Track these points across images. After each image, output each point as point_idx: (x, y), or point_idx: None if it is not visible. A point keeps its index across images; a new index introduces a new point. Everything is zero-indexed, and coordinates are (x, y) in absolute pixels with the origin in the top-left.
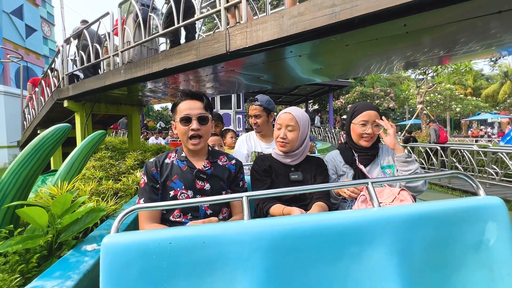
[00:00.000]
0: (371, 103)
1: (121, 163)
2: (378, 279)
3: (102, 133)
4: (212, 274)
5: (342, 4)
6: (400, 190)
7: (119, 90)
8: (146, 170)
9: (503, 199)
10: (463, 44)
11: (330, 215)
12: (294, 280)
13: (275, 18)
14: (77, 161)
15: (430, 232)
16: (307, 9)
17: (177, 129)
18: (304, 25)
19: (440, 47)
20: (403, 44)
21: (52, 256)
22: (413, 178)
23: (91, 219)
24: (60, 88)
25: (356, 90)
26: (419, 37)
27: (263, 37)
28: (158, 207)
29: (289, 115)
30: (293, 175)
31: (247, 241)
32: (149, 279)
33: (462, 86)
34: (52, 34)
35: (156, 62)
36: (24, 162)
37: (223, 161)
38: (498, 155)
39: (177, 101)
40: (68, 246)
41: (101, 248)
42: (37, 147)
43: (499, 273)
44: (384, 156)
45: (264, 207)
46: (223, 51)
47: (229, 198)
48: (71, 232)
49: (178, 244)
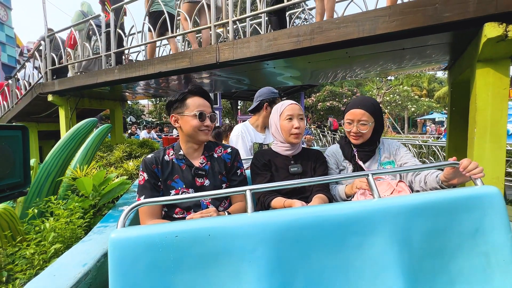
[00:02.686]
0: (363, 99)
1: (109, 155)
2: (379, 267)
3: (108, 126)
4: (217, 266)
5: (304, 36)
6: (398, 182)
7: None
8: (146, 167)
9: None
10: (409, 60)
11: (332, 207)
12: (298, 271)
13: (256, 40)
14: (90, 151)
15: (429, 221)
16: (279, 36)
17: (187, 122)
18: (278, 48)
19: (391, 62)
20: (348, 63)
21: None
22: (409, 170)
23: (121, 189)
24: (44, 83)
25: (326, 89)
26: (360, 59)
27: (246, 53)
28: (162, 202)
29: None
30: (292, 168)
31: (251, 234)
32: (156, 271)
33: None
34: (9, 19)
35: (151, 65)
36: (62, 147)
37: (218, 152)
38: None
39: (183, 96)
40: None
41: (108, 242)
42: (72, 136)
43: (495, 259)
44: (384, 152)
45: (265, 200)
46: (213, 61)
47: (233, 192)
48: (107, 198)
49: (184, 237)
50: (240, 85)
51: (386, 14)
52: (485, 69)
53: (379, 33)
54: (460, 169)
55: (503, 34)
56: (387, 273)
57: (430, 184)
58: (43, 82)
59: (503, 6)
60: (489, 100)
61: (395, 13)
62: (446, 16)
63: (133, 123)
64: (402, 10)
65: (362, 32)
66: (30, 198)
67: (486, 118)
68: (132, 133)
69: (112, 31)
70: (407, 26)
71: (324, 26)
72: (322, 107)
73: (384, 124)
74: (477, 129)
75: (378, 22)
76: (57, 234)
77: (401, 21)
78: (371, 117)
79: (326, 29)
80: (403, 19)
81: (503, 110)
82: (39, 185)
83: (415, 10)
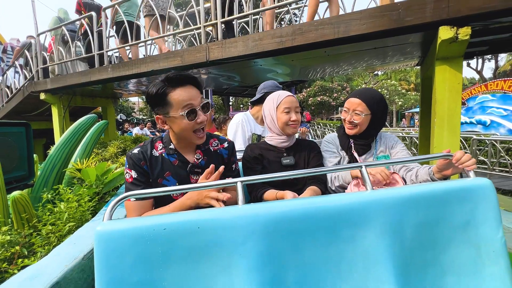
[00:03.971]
0: (365, 90)
1: (104, 151)
2: (371, 259)
3: (105, 122)
4: (208, 259)
5: (286, 37)
6: (392, 173)
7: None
8: (134, 164)
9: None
10: (391, 56)
11: (324, 199)
12: (289, 263)
13: (243, 40)
14: (89, 146)
15: (421, 213)
16: (264, 36)
17: (175, 124)
18: (263, 47)
19: (375, 58)
20: (334, 60)
21: (99, 201)
22: (403, 162)
23: (121, 178)
24: (36, 81)
25: (316, 84)
26: (343, 56)
27: (234, 52)
28: (151, 194)
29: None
30: (284, 160)
31: (242, 226)
32: (144, 265)
33: (407, 82)
34: None
35: (144, 63)
36: (65, 142)
37: (214, 145)
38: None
39: (161, 90)
40: (110, 195)
41: (94, 236)
42: (74, 131)
43: (485, 250)
44: (380, 146)
45: (257, 193)
46: (203, 59)
47: (224, 183)
48: (109, 187)
49: (173, 229)
50: (231, 81)
51: (358, 18)
52: (442, 66)
53: (352, 34)
54: (453, 161)
55: (454, 36)
56: (379, 264)
57: (421, 177)
58: (34, 80)
59: (454, 12)
60: (446, 94)
61: (365, 17)
62: (408, 20)
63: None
64: (371, 14)
65: (337, 34)
66: (37, 188)
67: (443, 110)
68: (125, 131)
69: (91, 36)
70: (375, 28)
71: (304, 28)
72: (313, 102)
73: (385, 121)
74: (437, 119)
75: (351, 24)
76: (69, 215)
77: (371, 24)
78: (367, 109)
79: (306, 30)
80: (372, 22)
81: (457, 102)
82: (45, 176)
83: (382, 15)
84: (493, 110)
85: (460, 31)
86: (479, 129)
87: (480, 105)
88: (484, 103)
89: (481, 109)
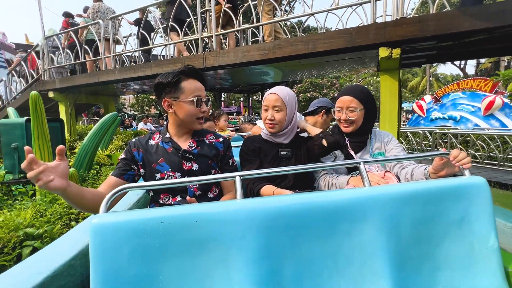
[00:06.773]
0: (353, 86)
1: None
2: (367, 254)
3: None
4: (205, 253)
5: (268, 50)
6: (385, 172)
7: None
8: (128, 148)
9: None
10: (369, 62)
11: (322, 194)
12: (287, 257)
13: (234, 51)
14: (107, 137)
15: (417, 210)
16: (251, 49)
17: (182, 108)
18: (250, 57)
19: (355, 63)
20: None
21: None
22: (401, 159)
23: None
24: (44, 80)
25: (306, 81)
26: (310, 66)
27: (227, 61)
28: (146, 187)
29: (274, 96)
30: (282, 151)
31: (240, 220)
32: (141, 258)
33: None
34: None
35: (149, 68)
36: (95, 133)
37: (210, 139)
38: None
39: (177, 78)
40: None
41: (90, 228)
42: (101, 126)
43: (478, 246)
44: (375, 143)
45: (254, 187)
46: (201, 66)
47: (222, 177)
48: None
49: (170, 223)
50: (225, 82)
51: (322, 38)
52: (384, 76)
53: (318, 50)
54: (450, 159)
55: (389, 54)
56: (376, 259)
57: (416, 177)
58: (42, 80)
59: (388, 37)
60: (387, 97)
61: (327, 37)
62: (357, 41)
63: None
64: (331, 36)
65: (307, 49)
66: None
67: (385, 110)
68: (127, 126)
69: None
70: (335, 46)
71: (282, 44)
72: (303, 98)
73: (376, 114)
74: (381, 116)
75: (317, 42)
76: None
77: (331, 43)
78: (360, 104)
79: (284, 46)
80: (332, 41)
81: (395, 103)
82: (80, 160)
83: (339, 36)
84: (463, 106)
85: (393, 51)
86: (450, 124)
87: (452, 102)
88: (455, 100)
89: (453, 106)
